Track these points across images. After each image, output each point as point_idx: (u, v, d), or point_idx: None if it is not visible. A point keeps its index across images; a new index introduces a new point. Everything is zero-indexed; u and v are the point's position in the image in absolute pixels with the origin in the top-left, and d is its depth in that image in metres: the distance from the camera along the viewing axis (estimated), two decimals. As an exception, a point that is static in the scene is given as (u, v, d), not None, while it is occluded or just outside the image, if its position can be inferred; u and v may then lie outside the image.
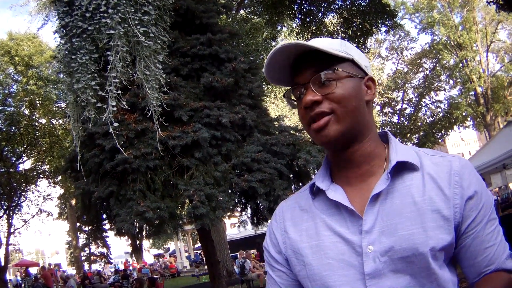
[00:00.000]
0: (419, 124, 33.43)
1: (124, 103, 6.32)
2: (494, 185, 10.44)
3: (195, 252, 36.54)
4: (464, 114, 31.49)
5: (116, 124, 6.51)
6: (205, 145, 7.76)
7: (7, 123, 20.82)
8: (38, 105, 22.43)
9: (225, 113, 8.07)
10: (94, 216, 8.98)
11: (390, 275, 1.01)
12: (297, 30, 15.34)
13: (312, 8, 14.42)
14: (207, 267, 11.38)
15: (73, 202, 25.98)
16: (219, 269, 10.04)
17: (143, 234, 9.76)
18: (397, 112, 34.70)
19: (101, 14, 5.56)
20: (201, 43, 8.75)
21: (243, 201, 9.26)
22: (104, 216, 9.41)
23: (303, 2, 14.23)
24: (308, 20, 14.43)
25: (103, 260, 32.00)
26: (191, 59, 8.76)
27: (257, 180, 7.65)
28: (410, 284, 1.00)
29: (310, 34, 14.25)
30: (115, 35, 5.58)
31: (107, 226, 10.52)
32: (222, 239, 17.91)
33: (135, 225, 7.59)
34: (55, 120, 23.89)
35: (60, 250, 67.45)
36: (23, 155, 23.19)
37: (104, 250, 30.52)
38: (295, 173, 8.96)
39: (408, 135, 32.19)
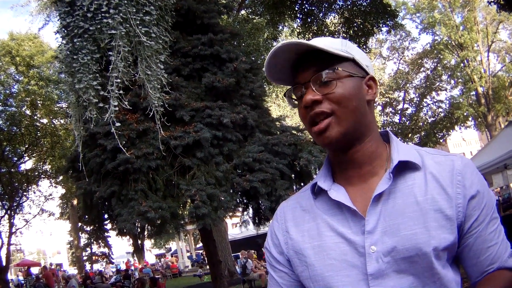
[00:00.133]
0: (421, 124, 33.41)
1: (126, 103, 6.32)
2: (496, 185, 10.41)
3: (196, 252, 36.53)
4: (465, 114, 31.49)
5: (118, 124, 6.51)
6: (207, 145, 7.77)
7: (8, 123, 20.83)
8: (40, 105, 22.44)
9: (226, 113, 8.07)
10: (95, 216, 8.99)
11: (393, 275, 1.00)
12: (298, 30, 15.36)
13: (313, 8, 14.43)
14: (208, 267, 11.38)
15: (75, 202, 26.00)
16: (221, 269, 10.04)
17: (145, 234, 9.76)
18: (399, 112, 34.70)
19: (103, 14, 5.57)
20: (202, 43, 8.75)
21: (245, 201, 9.26)
22: (106, 216, 9.42)
23: (304, 2, 14.24)
24: (309, 20, 14.44)
25: (104, 260, 32.00)
26: (193, 59, 8.77)
27: (259, 180, 7.65)
28: (413, 284, 1.00)
29: (311, 34, 14.26)
30: (117, 35, 5.59)
31: (108, 226, 10.55)
32: (224, 239, 17.92)
33: (136, 225, 7.59)
34: (56, 120, 23.91)
35: (62, 250, 67.62)
36: (25, 155, 23.21)
37: (106, 250, 30.53)
38: (296, 173, 8.95)
39: (410, 135, 32.17)
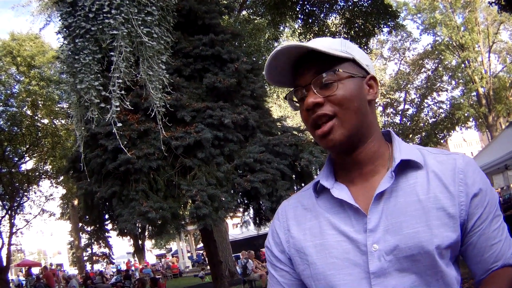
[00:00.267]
0: (421, 124, 33.38)
1: (128, 103, 6.32)
2: (496, 186, 10.41)
3: (197, 252, 36.51)
4: (466, 114, 31.45)
5: (120, 124, 6.52)
6: (208, 145, 7.77)
7: (9, 123, 20.84)
8: (40, 105, 22.45)
9: (227, 114, 8.07)
10: (96, 216, 9.00)
11: (395, 274, 1.00)
12: (299, 31, 15.34)
13: (314, 9, 14.42)
14: (209, 267, 11.38)
15: (75, 202, 26.01)
16: (222, 269, 10.05)
17: (146, 234, 9.77)
18: (399, 112, 34.67)
19: (104, 15, 5.57)
20: (203, 43, 8.76)
21: (246, 201, 9.27)
22: (107, 216, 9.43)
23: (305, 2, 14.23)
24: (310, 20, 14.43)
25: (105, 260, 31.99)
26: (194, 59, 8.77)
27: (260, 180, 7.66)
28: (415, 283, 0.99)
29: (312, 35, 14.25)
30: (119, 35, 5.59)
31: (109, 226, 10.56)
32: (225, 239, 17.92)
33: (137, 225, 7.60)
34: (57, 121, 23.92)
35: (62, 250, 67.63)
36: (25, 155, 23.22)
37: (106, 250, 30.51)
38: (297, 174, 8.96)
39: (411, 135, 32.13)
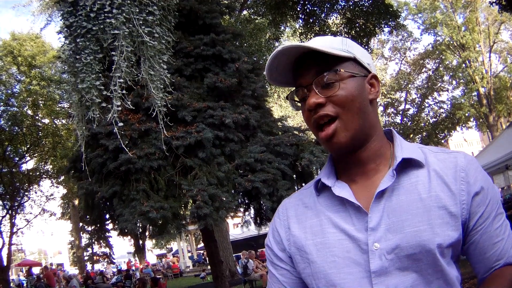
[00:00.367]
0: (422, 124, 33.35)
1: (129, 103, 6.33)
2: (497, 186, 10.42)
3: (198, 252, 36.51)
4: (467, 114, 31.45)
5: (121, 124, 6.53)
6: (209, 145, 7.78)
7: (10, 123, 20.83)
8: (41, 105, 22.42)
9: (228, 114, 8.07)
10: (97, 216, 9.00)
11: (397, 272, 0.99)
12: (300, 31, 15.33)
13: (315, 9, 14.42)
14: (210, 267, 11.39)
15: (76, 202, 26.04)
16: (222, 269, 10.06)
17: (146, 234, 9.78)
18: (400, 112, 34.64)
19: (106, 14, 5.57)
20: (204, 43, 8.76)
21: (246, 201, 9.28)
22: (107, 216, 9.44)
23: (306, 2, 14.23)
24: (311, 20, 14.42)
25: (105, 260, 31.99)
26: (195, 59, 8.78)
27: (260, 180, 7.66)
28: (416, 282, 0.99)
29: (313, 35, 14.23)
30: (120, 35, 5.60)
31: (110, 226, 10.56)
32: (225, 239, 17.92)
33: (138, 225, 7.61)
34: (58, 120, 23.90)
35: (63, 250, 67.60)
36: (26, 155, 23.23)
37: (107, 250, 30.50)
38: (298, 174, 8.97)
39: (411, 135, 32.09)
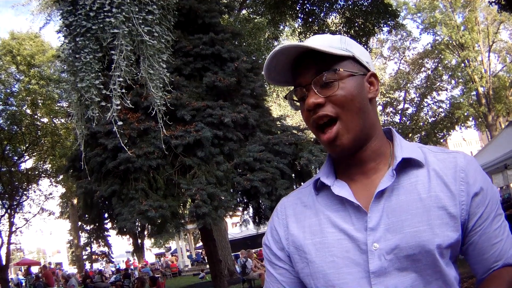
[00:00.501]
0: (421, 124, 33.37)
1: (128, 101, 6.33)
2: (496, 185, 10.41)
3: (196, 251, 36.54)
4: (466, 114, 31.45)
5: (121, 123, 6.53)
6: (208, 144, 7.77)
7: (9, 122, 20.79)
8: (40, 104, 22.40)
9: (227, 113, 8.07)
10: (96, 215, 8.99)
11: (396, 273, 0.99)
12: (299, 30, 15.35)
13: (314, 8, 14.41)
14: (208, 266, 11.39)
15: (75, 201, 26.01)
16: (221, 268, 10.06)
17: (145, 233, 9.78)
18: (399, 112, 34.65)
19: (105, 13, 5.57)
20: (203, 42, 8.76)
21: (245, 200, 9.28)
22: (106, 215, 9.43)
23: (305, 2, 14.22)
24: (310, 20, 14.42)
25: (104, 259, 32.00)
26: (194, 58, 8.77)
27: (259, 179, 7.66)
28: (415, 282, 0.99)
29: (312, 34, 14.21)
30: (119, 34, 5.59)
31: (108, 225, 10.55)
32: (224, 238, 17.93)
33: (137, 224, 7.61)
34: (57, 119, 23.88)
35: (62, 249, 67.54)
36: (25, 154, 23.19)
37: (106, 249, 30.52)
38: (297, 173, 8.96)
39: (410, 135, 32.09)
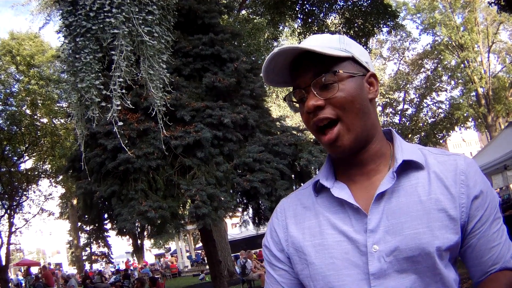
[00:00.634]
0: (421, 124, 33.42)
1: (129, 102, 6.33)
2: (495, 186, 10.42)
3: (196, 252, 36.53)
4: (465, 115, 31.53)
5: (121, 123, 6.53)
6: (207, 145, 7.77)
7: (8, 122, 20.76)
8: (40, 104, 22.38)
9: (227, 113, 8.07)
10: (95, 216, 8.98)
11: (395, 275, 0.99)
12: (298, 31, 15.34)
13: (314, 9, 14.42)
14: (208, 267, 11.39)
15: (75, 201, 25.98)
16: (221, 269, 10.05)
17: (145, 233, 9.77)
18: (399, 112, 34.69)
19: (105, 14, 5.57)
20: (203, 43, 8.75)
21: (245, 201, 9.27)
22: (106, 215, 9.42)
23: (305, 2, 14.23)
24: (310, 20, 14.42)
25: (104, 260, 31.98)
26: (193, 59, 8.77)
27: (259, 180, 7.66)
28: (415, 284, 0.99)
29: (311, 35, 14.23)
30: (119, 34, 5.59)
31: (108, 226, 10.55)
32: (224, 239, 17.94)
33: (136, 224, 7.60)
34: (56, 120, 23.83)
35: (61, 249, 67.57)
36: (25, 154, 23.16)
37: (105, 250, 30.48)
38: (296, 173, 8.96)
39: (410, 135, 32.13)
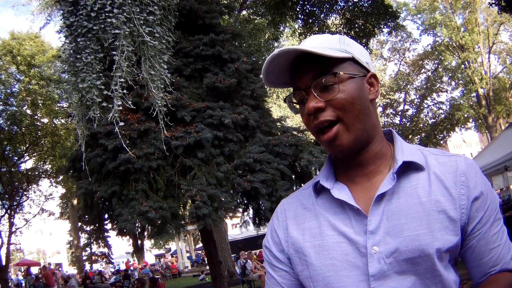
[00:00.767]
0: (421, 125, 33.38)
1: (130, 102, 6.33)
2: (496, 187, 10.40)
3: (196, 252, 36.53)
4: (466, 115, 31.53)
5: (122, 124, 6.54)
6: (208, 145, 7.77)
7: (9, 122, 20.78)
8: (40, 104, 22.39)
9: (227, 114, 8.07)
10: (96, 216, 8.98)
11: (395, 276, 0.99)
12: (299, 31, 15.35)
13: (315, 9, 14.43)
14: (208, 267, 11.39)
15: (75, 201, 25.99)
16: (221, 269, 10.05)
17: (145, 234, 9.76)
18: (399, 113, 34.64)
19: (106, 14, 5.57)
20: (204, 43, 8.76)
21: (245, 201, 9.27)
22: (106, 216, 9.42)
23: (306, 3, 14.24)
24: (311, 21, 14.44)
25: (104, 260, 31.95)
26: (194, 59, 8.77)
27: (259, 180, 7.66)
28: (414, 285, 0.99)
29: (312, 35, 14.24)
30: (121, 34, 5.60)
31: (108, 226, 10.55)
32: (224, 239, 17.93)
33: (137, 225, 7.60)
34: (57, 120, 23.83)
35: (61, 249, 67.59)
36: (25, 154, 23.18)
37: (106, 250, 30.47)
38: (297, 174, 8.95)
39: (410, 136, 32.09)
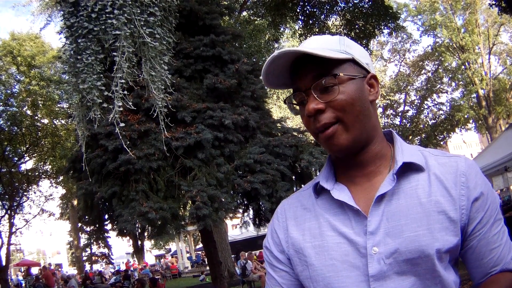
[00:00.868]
0: (421, 126, 33.35)
1: (130, 103, 6.34)
2: (496, 188, 10.39)
3: (196, 253, 36.51)
4: (466, 116, 31.47)
5: (123, 124, 6.54)
6: (208, 146, 7.78)
7: (9, 123, 20.79)
8: (41, 105, 22.39)
9: (228, 115, 8.08)
10: (96, 217, 8.99)
11: (395, 277, 0.99)
12: (299, 32, 15.37)
13: (315, 10, 14.43)
14: (208, 268, 11.39)
15: (75, 202, 25.99)
16: (221, 270, 10.05)
17: (145, 234, 9.77)
18: (399, 114, 34.61)
19: (107, 15, 5.58)
20: (204, 44, 8.76)
21: (245, 202, 9.27)
22: (106, 216, 9.43)
23: (306, 3, 14.25)
24: (311, 22, 14.45)
25: (104, 261, 31.95)
26: (194, 60, 8.78)
27: (260, 181, 7.66)
28: (414, 286, 0.99)
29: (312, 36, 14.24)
30: (121, 36, 5.60)
31: (108, 227, 10.55)
32: (224, 240, 17.92)
33: (137, 225, 7.61)
34: (57, 121, 23.84)
35: (61, 250, 67.60)
36: (25, 155, 23.19)
37: (106, 251, 30.45)
38: (297, 175, 8.96)
39: (410, 137, 32.06)
